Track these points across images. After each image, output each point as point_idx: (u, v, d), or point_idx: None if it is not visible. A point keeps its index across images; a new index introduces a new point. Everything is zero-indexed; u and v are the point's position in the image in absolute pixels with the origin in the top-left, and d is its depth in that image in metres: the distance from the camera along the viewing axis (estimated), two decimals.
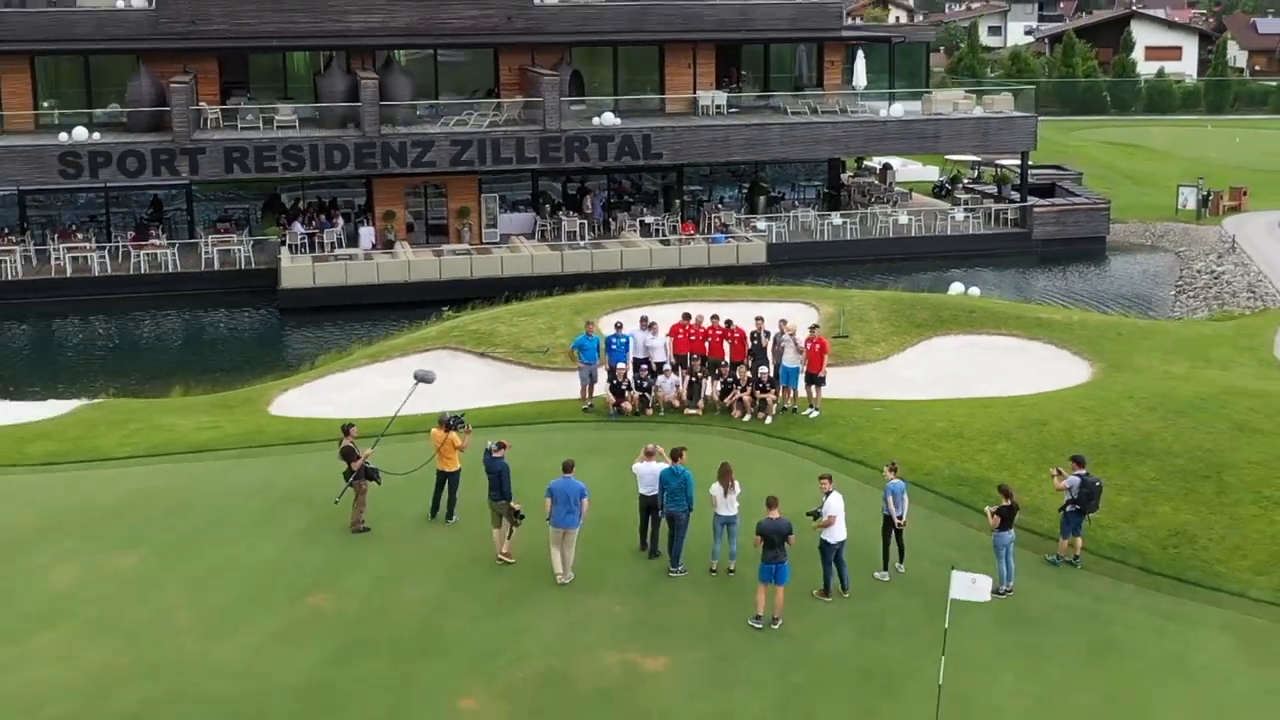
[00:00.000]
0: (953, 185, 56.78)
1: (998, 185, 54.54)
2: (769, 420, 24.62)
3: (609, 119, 47.09)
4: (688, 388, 25.59)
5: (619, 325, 26.95)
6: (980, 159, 57.33)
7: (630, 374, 25.55)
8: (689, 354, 26.03)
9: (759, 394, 24.85)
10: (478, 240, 46.35)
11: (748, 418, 24.74)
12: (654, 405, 25.32)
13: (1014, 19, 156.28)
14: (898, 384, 28.00)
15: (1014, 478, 21.06)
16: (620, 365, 25.57)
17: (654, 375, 25.56)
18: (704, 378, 25.70)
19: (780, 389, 25.17)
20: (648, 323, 26.41)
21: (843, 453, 23.06)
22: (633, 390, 25.35)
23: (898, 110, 50.66)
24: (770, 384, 25.02)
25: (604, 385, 25.59)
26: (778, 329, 25.60)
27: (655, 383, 25.41)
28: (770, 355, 25.31)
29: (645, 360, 25.81)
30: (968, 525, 20.49)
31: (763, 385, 24.91)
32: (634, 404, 25.23)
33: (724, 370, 25.66)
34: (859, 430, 24.09)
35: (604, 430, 24.37)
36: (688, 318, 26.75)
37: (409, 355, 30.49)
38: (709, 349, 26.03)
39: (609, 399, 25.33)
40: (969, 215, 50.28)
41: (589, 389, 25.77)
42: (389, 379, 28.52)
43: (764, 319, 25.93)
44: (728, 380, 25.31)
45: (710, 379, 25.80)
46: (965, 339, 31.32)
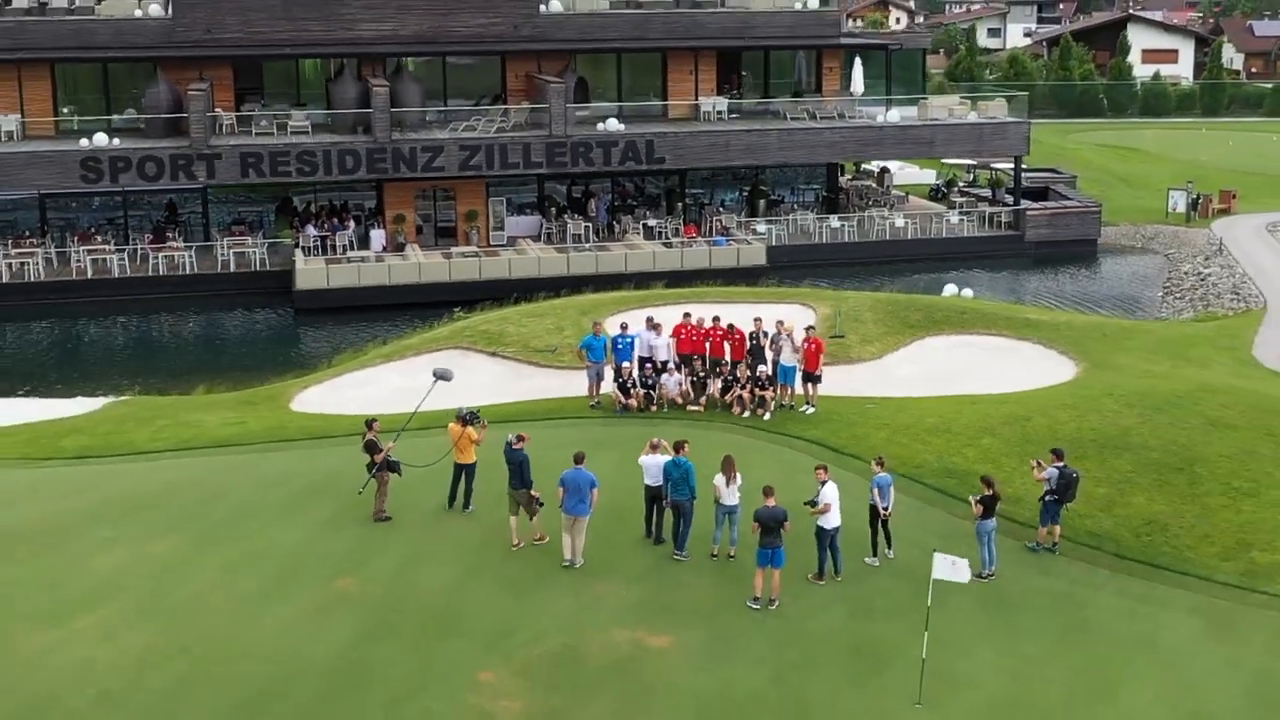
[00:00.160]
0: (948, 188, 57.96)
1: (992, 189, 55.76)
2: (767, 416, 25.86)
3: (613, 125, 48.34)
4: (691, 386, 26.86)
5: (624, 326, 28.21)
6: (975, 163, 58.56)
7: (635, 372, 26.75)
8: (692, 354, 27.35)
9: (758, 391, 26.11)
10: (485, 243, 47.59)
11: (747, 414, 25.98)
12: (658, 402, 26.52)
13: (1013, 21, 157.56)
14: (891, 382, 29.20)
15: (998, 470, 22.22)
16: (626, 364, 26.79)
17: (658, 373, 26.79)
18: (706, 376, 26.98)
19: (778, 387, 26.38)
20: (653, 323, 27.67)
21: (837, 447, 24.21)
22: (638, 388, 26.54)
23: (894, 116, 51.85)
24: (768, 382, 26.26)
25: (611, 383, 26.88)
26: (775, 329, 26.88)
27: (659, 381, 26.67)
28: (768, 354, 26.59)
29: (650, 359, 27.07)
30: (954, 515, 21.64)
31: (761, 383, 26.17)
32: (639, 401, 26.44)
33: (725, 369, 26.92)
34: (853, 425, 25.32)
35: (611, 426, 25.56)
36: (687, 316, 28.06)
37: (422, 354, 31.77)
38: (710, 349, 27.31)
39: (615, 396, 26.55)
40: (963, 218, 51.56)
41: (596, 386, 27.02)
42: (404, 377, 29.83)
43: (762, 320, 27.22)
44: (728, 378, 26.57)
45: (712, 377, 27.08)
46: (956, 339, 32.55)
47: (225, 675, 16.83)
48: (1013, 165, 53.20)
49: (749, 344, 26.78)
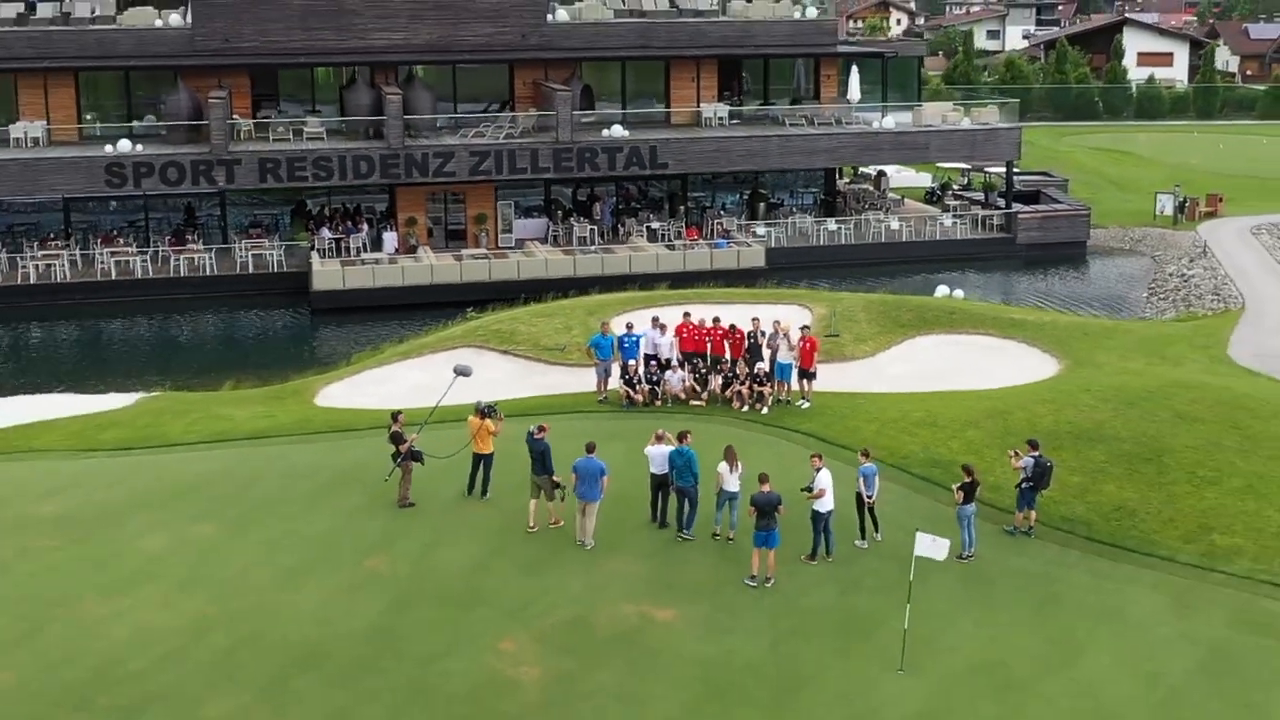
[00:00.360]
0: (943, 192, 59.53)
1: (985, 192, 57.36)
2: (765, 410, 27.49)
3: (618, 131, 49.92)
4: (693, 382, 28.52)
5: (629, 325, 29.88)
6: (970, 167, 60.18)
7: (641, 369, 28.42)
8: (693, 352, 29.01)
9: (756, 387, 27.76)
10: (494, 245, 49.17)
11: (746, 408, 27.59)
12: (662, 397, 28.12)
13: (1012, 23, 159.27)
14: (883, 379, 30.78)
15: (980, 460, 23.78)
16: (632, 362, 28.41)
17: (662, 370, 28.45)
18: (707, 373, 28.64)
19: (775, 383, 28.03)
20: (658, 323, 29.34)
21: (830, 439, 25.74)
22: (643, 384, 28.17)
23: (889, 122, 53.44)
24: (766, 378, 27.93)
25: (618, 379, 28.52)
26: (772, 329, 28.54)
27: (663, 377, 28.32)
28: (766, 352, 28.27)
29: (654, 356, 28.74)
30: (938, 502, 23.16)
31: (759, 379, 27.83)
32: (644, 396, 28.04)
33: (725, 366, 28.58)
34: (845, 419, 26.94)
35: (618, 419, 27.10)
36: (687, 316, 29.71)
37: (438, 352, 33.35)
38: (711, 347, 28.98)
39: (622, 391, 28.16)
40: (957, 221, 53.14)
41: (604, 383, 28.65)
42: (421, 373, 31.44)
43: (759, 320, 28.92)
44: (728, 375, 28.23)
45: (712, 374, 28.74)
46: (946, 338, 34.09)
47: (274, 639, 18.43)
48: (1005, 170, 54.82)
49: (747, 342, 28.45)
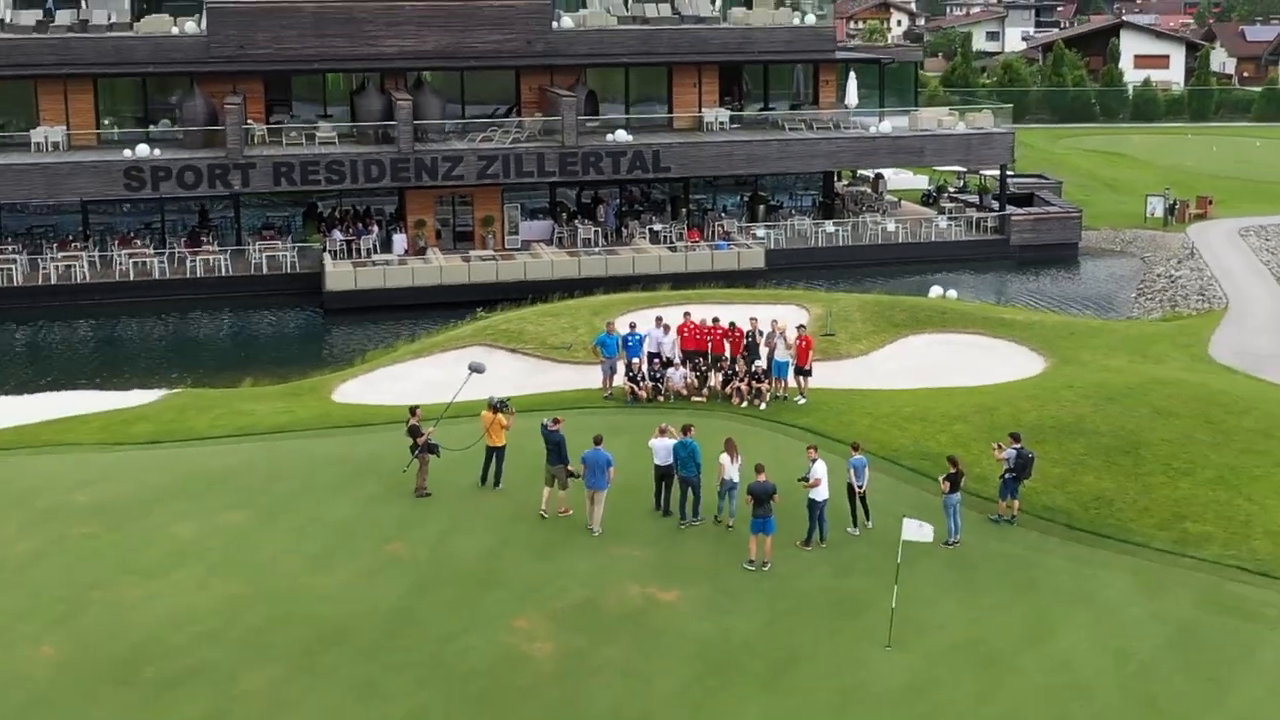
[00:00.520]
0: (939, 194, 60.86)
1: (979, 195, 58.68)
2: (763, 406, 28.83)
3: (621, 135, 51.24)
4: (695, 378, 29.86)
5: (633, 325, 31.25)
6: (965, 170, 61.51)
7: (644, 367, 29.76)
8: (695, 350, 30.34)
9: (754, 384, 29.11)
10: (501, 246, 50.48)
11: (745, 404, 28.93)
12: (665, 393, 29.47)
13: (1011, 25, 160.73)
14: (876, 376, 32.14)
15: (966, 453, 25.06)
16: (636, 359, 29.79)
17: (665, 368, 29.81)
18: (708, 370, 30.00)
19: (772, 380, 29.40)
20: (661, 322, 30.69)
21: (825, 433, 27.01)
22: (646, 380, 29.54)
23: (886, 127, 54.74)
24: (764, 375, 29.30)
25: (622, 376, 29.88)
26: (770, 328, 29.88)
27: (666, 374, 29.66)
28: (763, 351, 29.63)
29: (657, 355, 30.08)
30: (926, 492, 24.38)
31: (758, 376, 29.19)
32: (648, 392, 29.40)
33: (725, 364, 29.94)
34: (839, 414, 28.27)
35: (623, 414, 28.40)
36: (688, 316, 31.07)
37: (449, 351, 34.72)
38: (712, 346, 30.33)
39: (627, 388, 29.53)
40: (951, 223, 54.48)
41: (609, 379, 30.02)
42: (433, 371, 32.80)
43: (757, 319, 30.30)
44: (728, 372, 29.59)
45: (713, 371, 30.08)
46: (937, 337, 35.44)
47: (303, 617, 19.72)
48: (999, 173, 56.15)
49: (746, 341, 29.82)
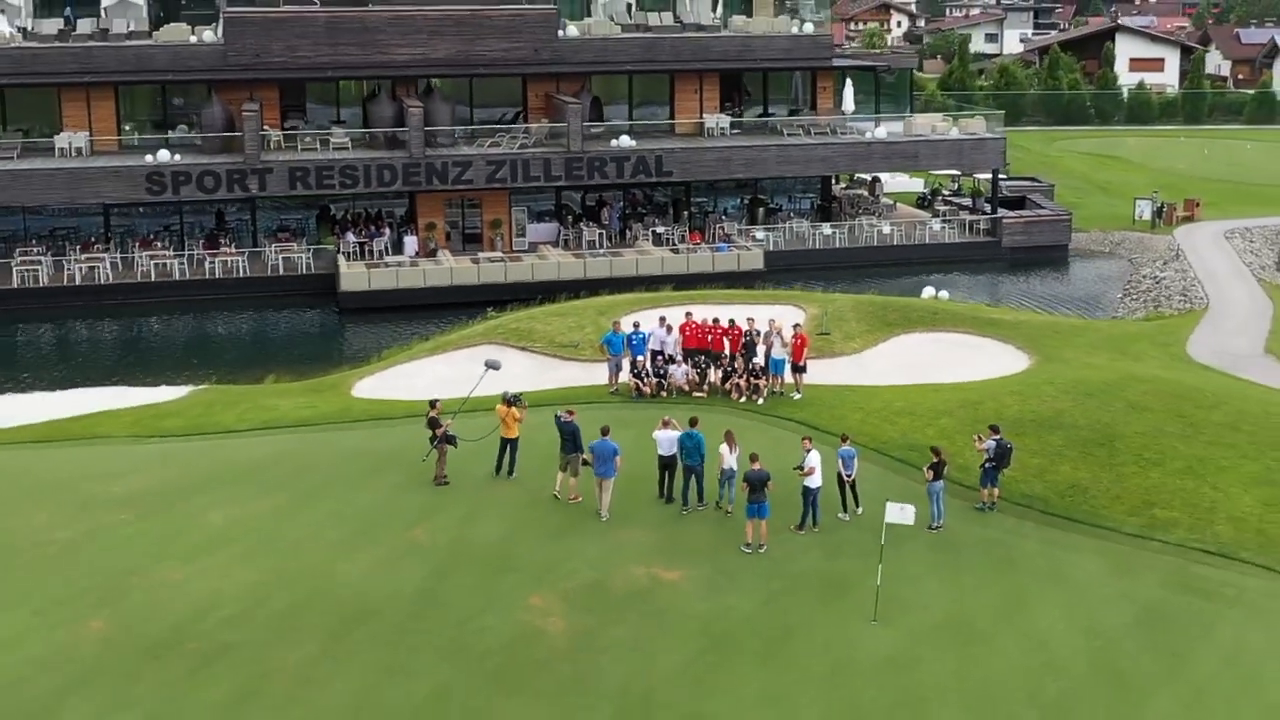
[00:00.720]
0: (933, 197, 62.42)
1: (972, 198, 60.24)
2: (761, 401, 30.47)
3: (625, 141, 52.83)
4: (696, 375, 31.48)
5: (637, 324, 32.90)
6: (960, 173, 63.07)
7: (648, 364, 31.41)
8: (696, 348, 31.96)
9: (752, 380, 30.74)
10: (509, 248, 52.07)
11: (743, 399, 30.57)
12: (667, 389, 31.11)
13: (1010, 27, 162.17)
14: (868, 373, 33.71)
15: (951, 445, 26.63)
16: (640, 357, 31.45)
17: (667, 365, 31.46)
18: (708, 367, 31.62)
19: (769, 376, 31.02)
20: (664, 322, 32.32)
21: (819, 426, 28.56)
22: (650, 377, 31.19)
23: (881, 132, 56.31)
24: (761, 372, 30.93)
25: (627, 373, 31.51)
26: (767, 327, 31.52)
27: (669, 371, 31.31)
28: (761, 349, 31.26)
29: (660, 352, 31.73)
30: (913, 481, 25.96)
31: (755, 373, 30.82)
32: (651, 388, 31.03)
33: (724, 361, 31.57)
34: (833, 409, 29.90)
35: (628, 409, 30.00)
36: (689, 316, 32.68)
37: (462, 349, 36.33)
38: (712, 344, 31.96)
39: (631, 384, 31.20)
40: (945, 225, 56.07)
41: (615, 376, 31.66)
42: (447, 368, 34.41)
43: (755, 319, 31.94)
44: (727, 369, 31.21)
45: (713, 368, 31.71)
46: (928, 336, 36.97)
47: (331, 599, 21.25)
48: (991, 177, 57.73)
49: (744, 339, 31.45)
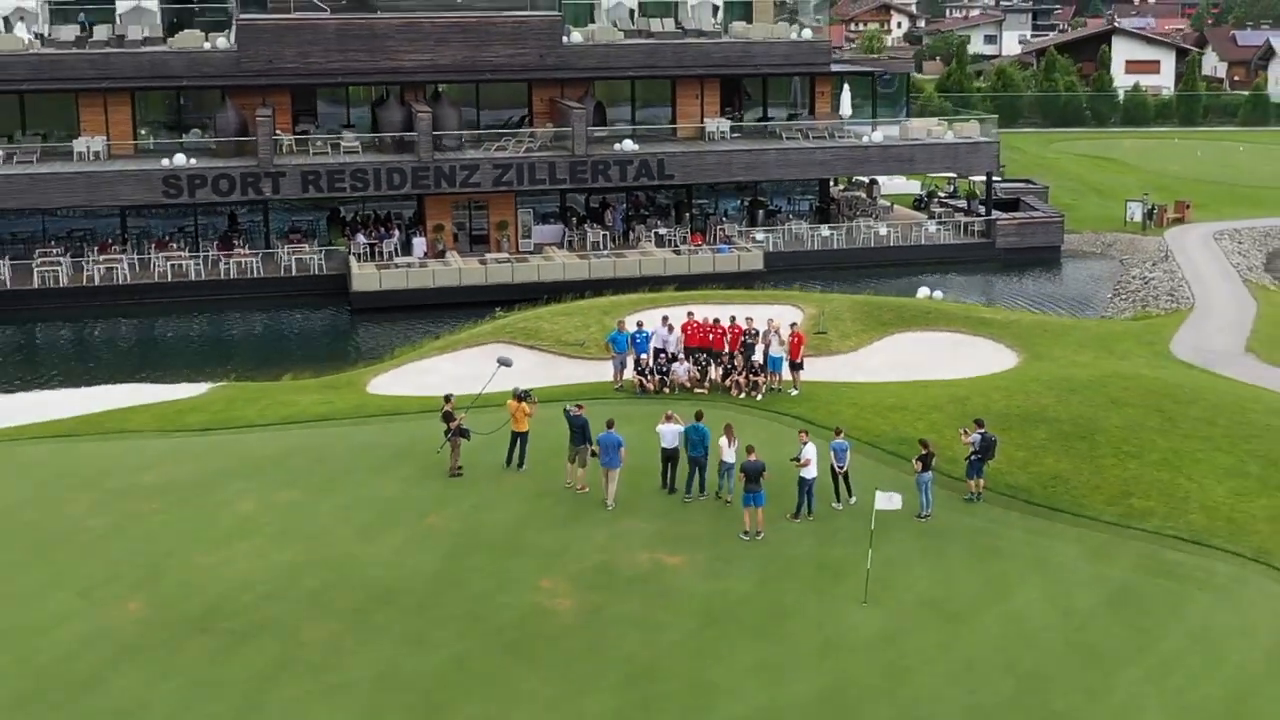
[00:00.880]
0: (929, 199, 63.77)
1: (967, 200, 61.57)
2: (759, 397, 31.83)
3: (628, 145, 54.17)
4: (697, 372, 32.86)
5: (640, 324, 34.28)
6: (956, 175, 64.42)
7: (651, 361, 32.81)
8: (697, 346, 33.33)
9: (751, 376, 32.12)
10: (515, 249, 53.39)
11: (743, 395, 31.93)
12: (670, 386, 32.47)
13: (1009, 28, 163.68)
14: (863, 371, 35.09)
15: (940, 439, 27.84)
16: (644, 355, 32.85)
17: (670, 362, 32.84)
18: (709, 364, 33.00)
19: (768, 373, 32.40)
20: (667, 322, 33.70)
21: (815, 421, 29.83)
22: (653, 374, 32.57)
23: (878, 136, 57.63)
24: (760, 369, 32.31)
25: (631, 370, 32.88)
26: (766, 326, 32.88)
27: (671, 368, 32.69)
28: (759, 347, 32.64)
29: (663, 350, 33.12)
30: (903, 473, 27.26)
31: (754, 370, 32.21)
32: (654, 384, 32.42)
33: (724, 359, 32.96)
34: (828, 404, 31.26)
35: (632, 404, 31.25)
36: (691, 315, 34.04)
37: (472, 347, 37.69)
38: (712, 342, 33.35)
39: (635, 380, 32.58)
40: (940, 227, 57.44)
41: (620, 373, 33.06)
42: (457, 365, 35.79)
43: (754, 319, 33.33)
44: (727, 366, 32.59)
45: (714, 365, 33.09)
46: (921, 335, 38.34)
47: (356, 580, 22.64)
48: (985, 179, 59.10)
49: (744, 338, 32.83)
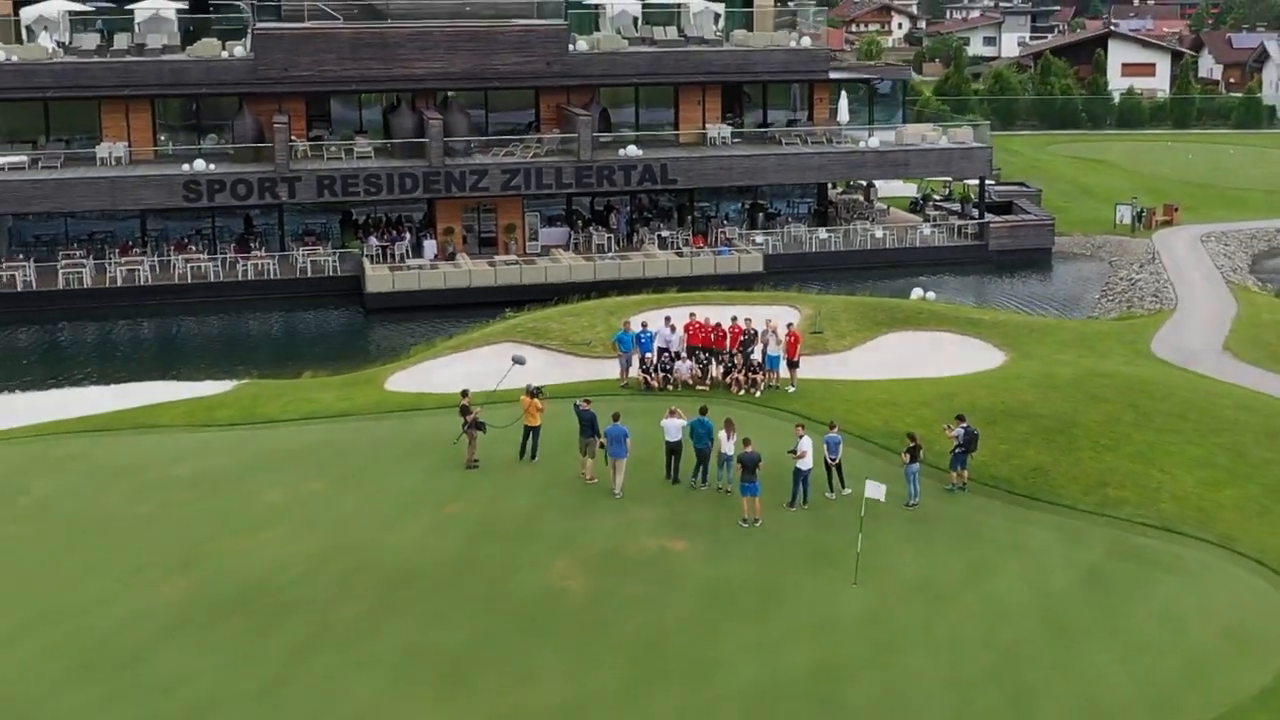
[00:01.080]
0: (925, 202, 65.41)
1: (961, 203, 63.19)
2: (758, 394, 33.52)
3: (632, 150, 55.85)
4: (699, 370, 34.57)
5: (644, 324, 36.02)
6: (951, 179, 66.08)
7: (655, 360, 34.48)
8: (699, 345, 35.05)
9: (750, 374, 33.85)
10: (522, 251, 55.03)
11: (742, 392, 33.64)
12: (673, 383, 34.19)
13: (1008, 30, 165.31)
14: (856, 369, 36.72)
15: (929, 433, 29.46)
16: (648, 354, 34.58)
17: (673, 361, 34.56)
18: (710, 363, 34.70)
19: (766, 371, 34.10)
20: (669, 322, 35.41)
21: (810, 416, 31.44)
22: (657, 372, 34.28)
23: (874, 142, 59.31)
24: (759, 367, 34.03)
25: (636, 368, 34.60)
26: (764, 326, 34.61)
27: (674, 366, 34.40)
28: (758, 346, 34.35)
29: (666, 349, 34.83)
30: (893, 465, 28.99)
31: (753, 368, 33.93)
32: (658, 382, 34.13)
33: (725, 357, 34.67)
34: (823, 401, 32.93)
35: (637, 401, 32.94)
36: (693, 316, 35.75)
37: (483, 346, 39.38)
38: (714, 342, 35.05)
39: (640, 378, 34.31)
40: (934, 230, 59.14)
41: (625, 371, 34.78)
42: (471, 363, 37.46)
43: (752, 319, 35.06)
44: (727, 364, 34.32)
45: (715, 363, 34.80)
46: (913, 334, 39.97)
47: (382, 563, 24.34)
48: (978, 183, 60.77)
49: (743, 338, 34.55)
